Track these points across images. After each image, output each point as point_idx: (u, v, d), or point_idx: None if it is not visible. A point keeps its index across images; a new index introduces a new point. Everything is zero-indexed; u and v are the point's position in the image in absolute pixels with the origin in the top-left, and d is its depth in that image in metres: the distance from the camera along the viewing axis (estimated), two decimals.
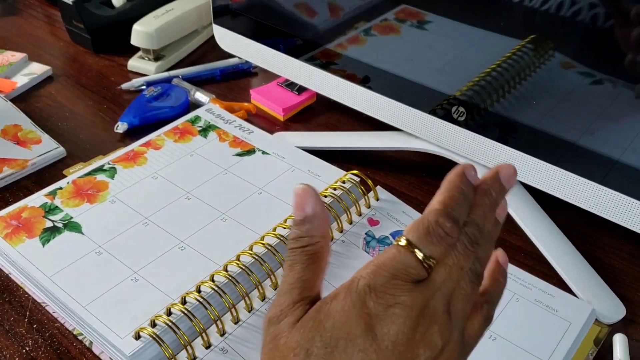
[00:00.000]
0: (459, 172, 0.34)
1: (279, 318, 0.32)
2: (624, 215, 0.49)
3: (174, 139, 0.65)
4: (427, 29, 0.55)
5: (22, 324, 0.49)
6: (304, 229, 0.34)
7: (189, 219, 0.55)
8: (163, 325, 0.45)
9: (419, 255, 0.31)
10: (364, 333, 0.29)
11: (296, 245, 0.34)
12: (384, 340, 0.29)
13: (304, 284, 0.33)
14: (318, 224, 0.34)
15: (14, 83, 0.77)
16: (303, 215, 0.34)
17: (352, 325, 0.30)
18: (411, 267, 0.30)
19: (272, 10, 0.66)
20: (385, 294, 0.30)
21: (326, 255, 0.34)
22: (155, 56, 0.81)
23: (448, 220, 0.31)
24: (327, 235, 0.35)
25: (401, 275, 0.30)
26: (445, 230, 0.31)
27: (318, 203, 0.34)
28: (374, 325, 0.30)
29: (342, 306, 0.30)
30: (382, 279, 0.30)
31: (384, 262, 0.31)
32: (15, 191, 0.62)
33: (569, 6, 0.46)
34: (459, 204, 0.32)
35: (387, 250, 0.31)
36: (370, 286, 0.30)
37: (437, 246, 0.31)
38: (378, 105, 0.61)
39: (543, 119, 0.50)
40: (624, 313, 0.51)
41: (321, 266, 0.34)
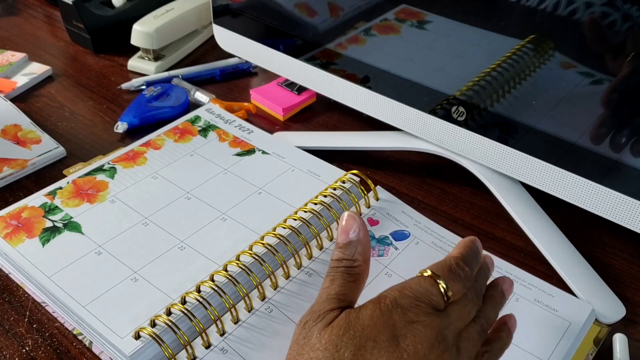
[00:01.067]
0: (471, 238, 0.42)
1: (314, 321, 0.36)
2: (624, 215, 0.49)
3: (174, 139, 0.65)
4: (427, 28, 0.55)
5: (22, 323, 0.49)
6: (347, 252, 0.39)
7: (189, 219, 0.55)
8: (163, 325, 0.45)
9: (441, 285, 0.37)
10: (389, 340, 0.34)
11: (339, 265, 0.38)
12: (405, 350, 0.34)
13: (341, 297, 0.37)
14: (361, 250, 0.39)
15: (14, 83, 0.77)
16: (347, 240, 0.39)
17: (380, 331, 0.34)
18: (433, 295, 0.36)
19: (272, 10, 0.66)
20: (409, 311, 0.35)
21: (365, 277, 0.39)
22: (155, 56, 0.81)
23: (466, 265, 0.39)
24: (368, 259, 0.39)
25: (424, 299, 0.36)
26: (463, 272, 0.38)
27: (362, 230, 0.39)
28: (398, 336, 0.34)
29: (371, 314, 0.35)
30: (408, 299, 0.35)
31: (410, 285, 0.36)
32: (15, 191, 0.62)
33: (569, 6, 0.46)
34: (472, 258, 0.40)
35: (414, 278, 0.37)
36: (397, 302, 0.35)
37: (456, 283, 0.37)
38: (378, 105, 0.61)
39: (543, 119, 0.50)
40: (623, 313, 0.51)
41: (360, 286, 0.39)
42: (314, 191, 0.57)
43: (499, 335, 0.41)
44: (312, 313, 0.37)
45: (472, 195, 0.62)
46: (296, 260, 0.51)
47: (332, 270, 0.39)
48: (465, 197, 0.62)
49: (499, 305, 0.41)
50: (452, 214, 0.60)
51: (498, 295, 0.41)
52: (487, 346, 0.39)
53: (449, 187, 0.63)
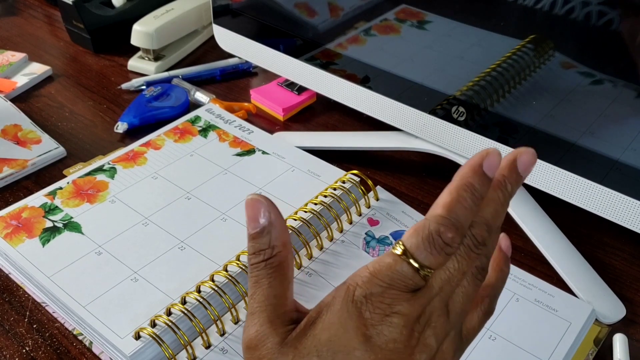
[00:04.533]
0: (474, 164, 0.29)
1: (260, 341, 0.30)
2: (624, 215, 0.49)
3: (174, 139, 0.65)
4: (427, 28, 0.55)
5: (22, 324, 0.49)
6: (263, 241, 0.31)
7: (189, 219, 0.55)
8: (163, 325, 0.45)
9: (414, 264, 0.29)
10: (361, 344, 0.29)
11: (257, 259, 0.32)
12: (382, 349, 0.29)
13: (275, 300, 0.31)
14: (277, 233, 0.32)
15: (14, 83, 0.77)
16: (258, 227, 0.32)
17: (350, 337, 0.29)
18: (408, 278, 0.29)
19: (272, 10, 0.66)
20: (381, 303, 0.29)
21: (291, 265, 0.32)
22: (155, 56, 0.81)
23: (450, 229, 0.29)
24: (288, 243, 0.32)
25: (397, 285, 0.29)
26: (445, 240, 0.29)
27: (272, 211, 0.32)
28: (371, 336, 0.29)
29: (339, 318, 0.29)
30: (378, 288, 0.29)
31: (380, 270, 0.29)
32: (15, 191, 0.62)
33: (569, 6, 0.46)
34: (466, 207, 0.29)
35: (383, 258, 0.30)
36: (366, 296, 0.29)
37: (436, 257, 0.29)
38: (378, 105, 0.61)
39: (543, 119, 0.50)
40: (624, 313, 0.51)
41: (288, 277, 0.32)
42: (314, 191, 0.57)
43: (500, 269, 0.34)
44: (250, 330, 0.31)
45: None
46: (296, 260, 0.51)
47: (252, 269, 0.32)
48: None
49: (499, 228, 0.32)
50: None
51: (503, 194, 0.31)
52: (487, 289, 0.33)
53: None
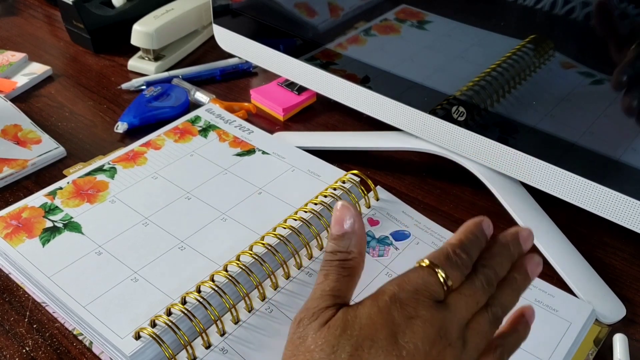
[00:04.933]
0: (475, 221, 0.37)
1: (309, 319, 0.34)
2: (624, 215, 0.49)
3: (174, 139, 0.65)
4: (427, 28, 0.55)
5: (22, 324, 0.49)
6: (342, 245, 0.36)
7: (189, 219, 0.55)
8: (163, 325, 0.45)
9: (439, 274, 0.34)
10: (387, 338, 0.32)
11: (333, 258, 0.36)
12: (404, 347, 0.32)
13: (337, 292, 0.35)
14: (356, 241, 0.36)
15: (14, 83, 0.77)
16: (341, 231, 0.37)
17: (378, 329, 0.33)
18: (432, 285, 0.34)
19: (272, 10, 0.66)
20: (408, 306, 0.33)
21: (360, 270, 0.37)
22: (155, 56, 0.81)
23: (463, 252, 0.35)
24: (363, 252, 0.37)
25: (423, 292, 0.34)
26: (460, 260, 0.35)
27: (357, 221, 0.37)
28: (397, 333, 0.32)
29: (369, 312, 0.33)
30: (406, 293, 0.34)
31: (409, 277, 0.34)
32: (15, 191, 0.62)
33: (569, 6, 0.46)
34: (472, 244, 0.36)
35: (412, 270, 0.35)
36: (395, 297, 0.33)
37: (454, 271, 0.35)
38: (378, 105, 0.61)
39: (543, 119, 0.50)
40: (624, 313, 0.51)
41: (354, 280, 0.36)
42: (314, 191, 0.57)
43: (515, 327, 0.38)
44: (307, 310, 0.35)
45: (472, 195, 0.62)
46: (296, 260, 0.51)
47: (325, 264, 0.36)
48: (466, 197, 0.62)
49: (519, 289, 0.37)
50: (452, 214, 0.60)
51: (520, 277, 0.37)
52: (501, 339, 0.36)
53: (449, 187, 0.63)
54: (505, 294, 0.36)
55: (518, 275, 0.37)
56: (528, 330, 0.38)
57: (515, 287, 0.37)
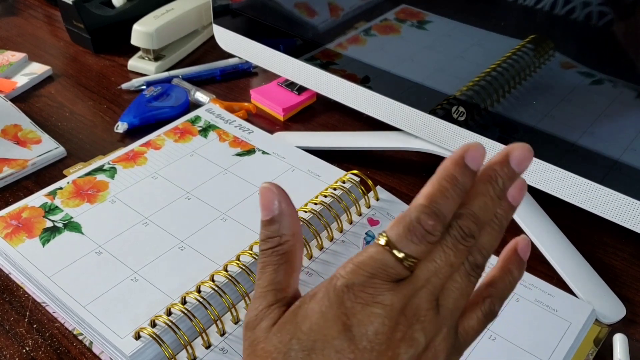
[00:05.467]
0: (456, 157, 0.29)
1: (254, 323, 0.31)
2: (624, 215, 0.48)
3: (174, 139, 0.65)
4: (427, 28, 0.55)
5: (22, 324, 0.49)
6: (272, 229, 0.33)
7: (189, 219, 0.55)
8: (163, 325, 0.45)
9: (398, 255, 0.29)
10: (340, 334, 0.29)
11: (266, 246, 0.33)
12: (361, 340, 0.29)
13: (277, 285, 0.32)
14: (287, 223, 0.33)
15: (14, 83, 0.77)
16: (270, 215, 0.33)
17: (329, 326, 0.29)
18: (390, 267, 0.29)
19: (272, 10, 0.66)
20: (363, 293, 0.29)
21: (299, 254, 0.33)
22: (155, 56, 0.81)
23: (430, 217, 0.29)
24: (298, 233, 0.33)
25: (380, 275, 0.29)
26: (426, 228, 0.29)
27: (284, 201, 0.33)
28: (352, 325, 0.29)
29: (320, 307, 0.30)
30: (361, 278, 0.29)
31: (363, 261, 0.30)
32: (15, 191, 0.62)
33: (569, 6, 0.46)
34: (447, 197, 0.29)
35: (367, 249, 0.30)
36: (348, 285, 0.29)
37: (418, 245, 0.29)
38: (378, 105, 0.61)
39: (543, 119, 0.50)
40: (624, 313, 0.51)
41: (294, 266, 0.33)
42: (314, 191, 0.57)
43: (507, 268, 0.32)
44: (252, 312, 0.32)
45: None
46: None
47: (261, 255, 0.33)
48: None
49: (502, 225, 0.31)
50: None
51: (502, 210, 0.31)
52: (489, 287, 0.32)
53: None
54: (484, 236, 0.30)
55: (500, 209, 0.30)
56: (523, 268, 0.32)
57: (496, 224, 0.31)
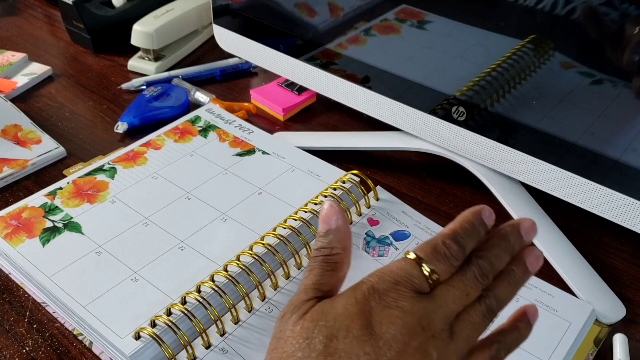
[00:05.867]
0: (474, 209, 0.36)
1: (291, 313, 0.34)
2: (624, 215, 0.48)
3: (174, 139, 0.65)
4: (427, 28, 0.55)
5: (22, 324, 0.49)
6: (326, 241, 0.36)
7: (189, 219, 0.55)
8: (163, 325, 0.45)
9: (424, 268, 0.33)
10: (363, 327, 0.31)
11: (318, 254, 0.36)
12: (381, 338, 0.31)
13: (319, 286, 0.35)
14: (340, 237, 0.36)
15: (14, 83, 0.77)
16: (327, 228, 0.37)
17: (353, 319, 0.32)
18: (414, 277, 0.33)
19: (272, 10, 0.66)
20: (387, 296, 0.32)
21: (345, 266, 0.36)
22: (155, 56, 0.81)
23: (454, 243, 0.34)
24: (348, 248, 0.37)
25: (404, 283, 0.33)
26: (450, 251, 0.34)
27: (341, 218, 0.37)
28: (373, 323, 0.32)
29: (345, 302, 0.33)
30: (386, 284, 0.33)
31: (391, 269, 0.34)
32: (15, 191, 0.62)
33: (569, 6, 0.46)
34: (468, 234, 0.35)
35: (397, 261, 0.34)
36: (374, 288, 0.33)
37: (442, 264, 0.33)
38: (378, 105, 0.61)
39: (543, 119, 0.50)
40: (624, 313, 0.51)
41: (339, 275, 0.36)
42: (314, 191, 0.57)
43: (516, 325, 0.36)
44: (290, 305, 0.35)
45: (472, 195, 0.62)
46: (296, 260, 0.51)
47: (311, 260, 0.37)
48: (466, 197, 0.62)
49: (516, 283, 0.35)
50: (452, 214, 0.60)
51: (519, 270, 0.35)
52: (499, 335, 0.35)
53: (449, 187, 0.63)
54: (501, 287, 0.35)
55: (516, 268, 0.35)
56: (530, 330, 0.36)
57: (512, 280, 0.35)
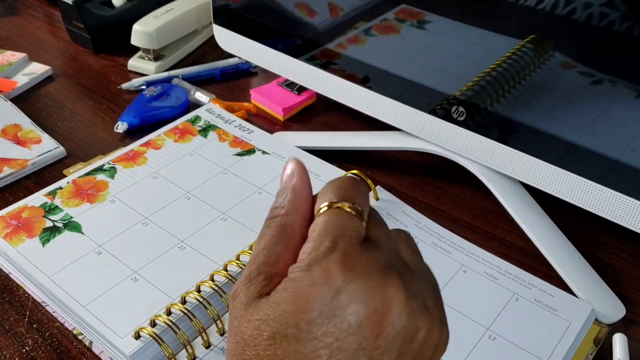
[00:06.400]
0: None
1: (236, 293, 0.29)
2: (624, 215, 0.49)
3: (174, 139, 0.65)
4: (427, 28, 0.55)
5: (22, 323, 0.49)
6: (278, 201, 0.31)
7: (189, 219, 0.55)
8: (163, 324, 0.45)
9: (346, 207, 0.29)
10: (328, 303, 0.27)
11: (269, 216, 0.31)
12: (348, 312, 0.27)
13: (266, 256, 0.30)
14: (293, 197, 0.31)
15: (14, 83, 0.77)
16: (282, 186, 0.32)
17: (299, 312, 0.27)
18: (347, 226, 0.29)
19: (272, 10, 0.66)
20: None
21: (297, 233, 0.30)
22: (155, 56, 0.81)
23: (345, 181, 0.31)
24: (302, 210, 0.31)
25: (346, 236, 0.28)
26: (348, 182, 0.31)
27: (299, 177, 0.32)
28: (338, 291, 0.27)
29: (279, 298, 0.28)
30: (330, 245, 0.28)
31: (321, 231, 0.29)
32: (15, 191, 0.62)
33: (569, 6, 0.46)
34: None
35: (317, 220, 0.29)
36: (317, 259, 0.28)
37: (355, 194, 0.30)
38: (378, 105, 0.61)
39: (543, 118, 0.50)
40: (623, 313, 0.51)
41: (289, 242, 0.30)
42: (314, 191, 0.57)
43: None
44: (238, 282, 0.30)
45: (472, 195, 0.62)
46: None
47: (264, 224, 0.31)
48: (465, 197, 0.62)
49: None
50: (452, 214, 0.60)
51: None
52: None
53: (449, 187, 0.63)
54: None
55: None
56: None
57: None
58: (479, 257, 0.53)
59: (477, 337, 0.47)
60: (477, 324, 0.48)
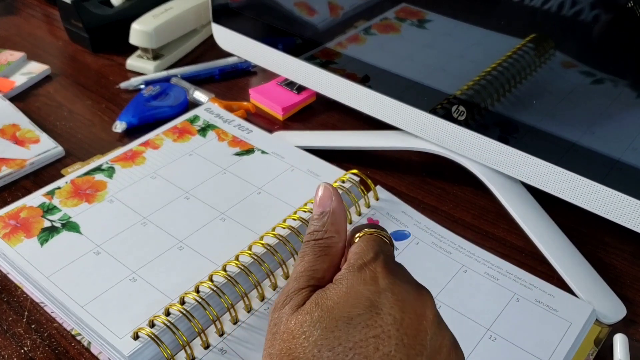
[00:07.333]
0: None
1: (282, 304, 0.33)
2: (625, 215, 0.48)
3: (173, 139, 0.65)
4: (427, 27, 0.55)
5: (21, 324, 0.49)
6: (320, 224, 0.35)
7: (188, 219, 0.55)
8: (162, 325, 0.45)
9: (381, 234, 0.35)
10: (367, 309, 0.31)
11: (310, 238, 0.35)
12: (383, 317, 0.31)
13: (312, 273, 0.34)
14: (333, 220, 0.35)
15: (13, 82, 0.76)
16: (320, 211, 0.36)
17: (353, 305, 0.31)
18: (386, 250, 0.34)
19: (272, 9, 0.66)
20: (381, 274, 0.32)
21: (339, 251, 0.35)
22: (154, 55, 0.81)
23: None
24: (342, 232, 0.36)
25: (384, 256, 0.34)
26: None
27: (336, 200, 0.36)
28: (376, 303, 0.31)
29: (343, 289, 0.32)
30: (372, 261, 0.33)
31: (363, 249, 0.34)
32: (13, 191, 0.61)
33: (570, 5, 0.45)
34: None
35: (359, 242, 0.35)
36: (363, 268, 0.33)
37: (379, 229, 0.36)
38: (378, 105, 0.61)
39: (543, 118, 0.50)
40: (624, 313, 0.50)
41: (333, 260, 0.35)
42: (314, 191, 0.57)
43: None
44: (282, 294, 0.33)
45: (472, 195, 0.62)
46: (295, 260, 0.51)
47: (303, 245, 0.35)
48: (466, 197, 0.62)
49: None
50: (452, 213, 0.60)
51: None
52: None
53: (449, 187, 0.63)
54: None
55: None
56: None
57: None
58: (480, 257, 0.53)
59: (478, 338, 0.46)
60: (478, 325, 0.47)
